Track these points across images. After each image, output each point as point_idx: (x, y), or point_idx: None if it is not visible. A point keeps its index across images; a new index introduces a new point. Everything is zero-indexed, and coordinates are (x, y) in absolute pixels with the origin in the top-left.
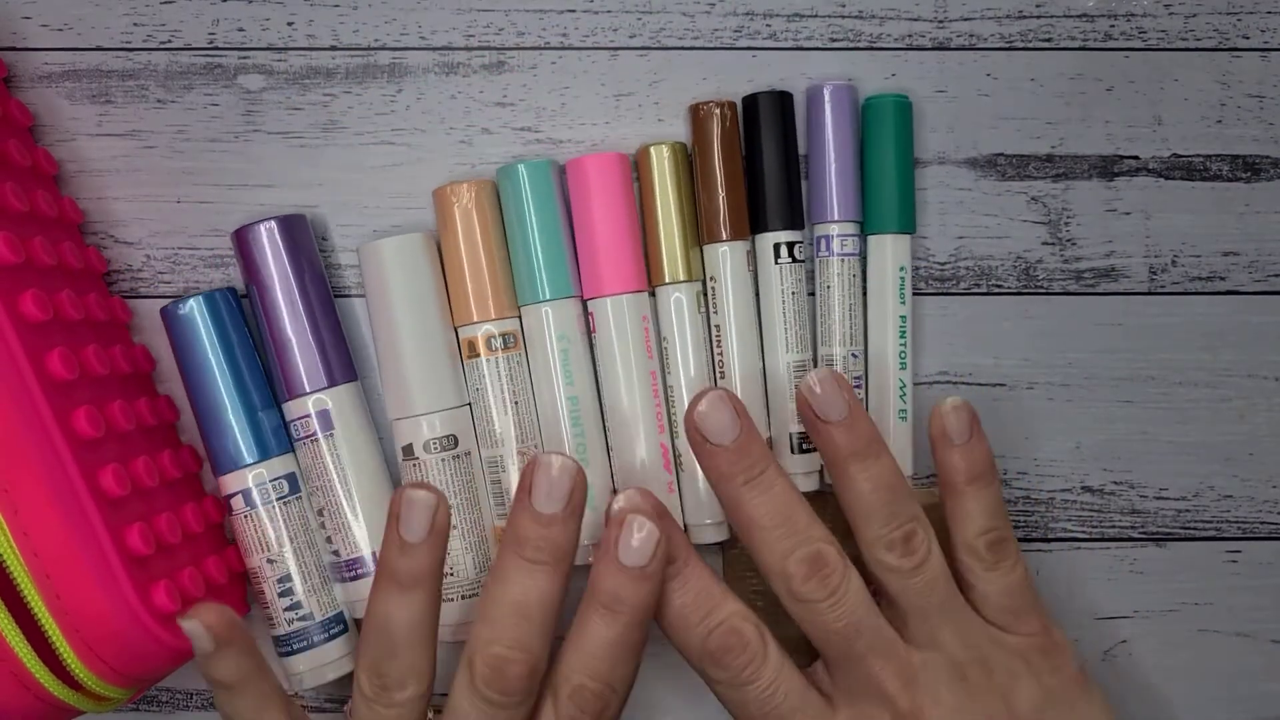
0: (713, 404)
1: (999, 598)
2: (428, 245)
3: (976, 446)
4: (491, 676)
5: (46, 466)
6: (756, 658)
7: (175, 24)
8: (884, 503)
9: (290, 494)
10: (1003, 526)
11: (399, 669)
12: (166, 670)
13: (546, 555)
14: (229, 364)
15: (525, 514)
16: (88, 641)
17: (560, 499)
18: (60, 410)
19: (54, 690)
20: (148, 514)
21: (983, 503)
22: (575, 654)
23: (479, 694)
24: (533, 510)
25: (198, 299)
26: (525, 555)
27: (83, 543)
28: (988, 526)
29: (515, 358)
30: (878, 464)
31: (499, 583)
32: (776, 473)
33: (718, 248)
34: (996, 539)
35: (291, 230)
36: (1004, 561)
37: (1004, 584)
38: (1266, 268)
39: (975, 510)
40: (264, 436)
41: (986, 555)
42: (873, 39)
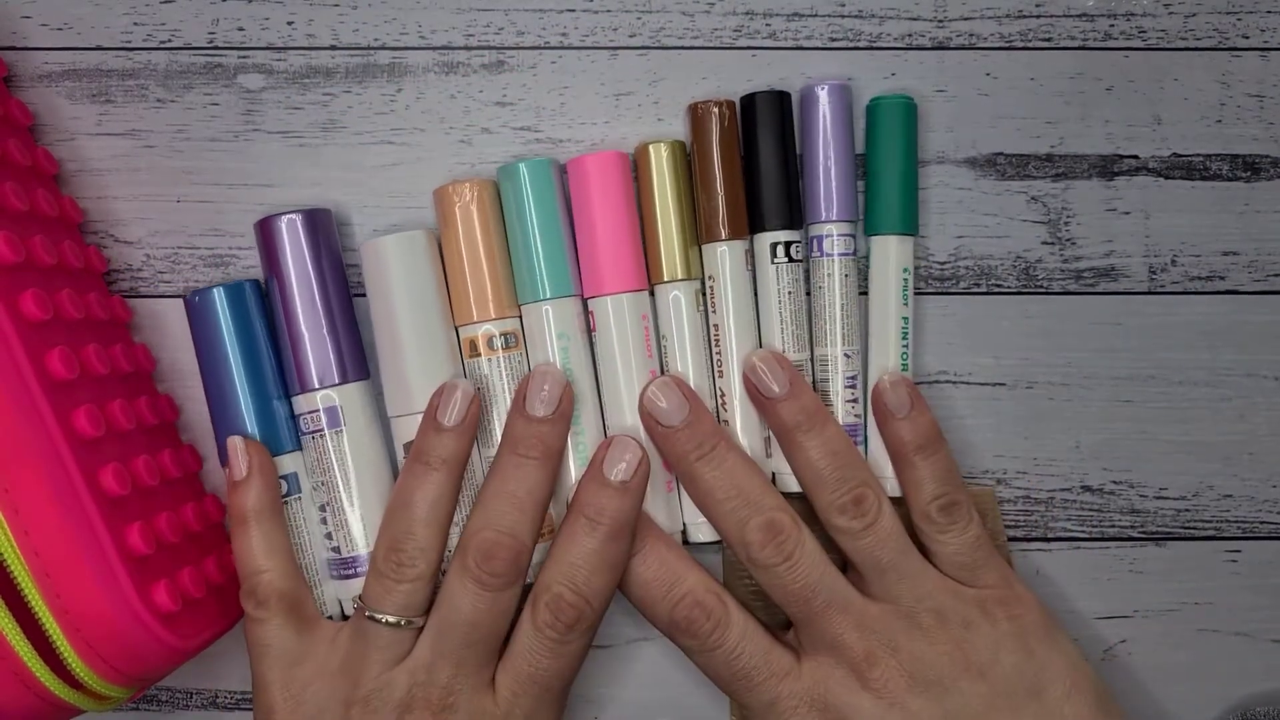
0: (661, 388)
1: (954, 555)
2: (428, 242)
3: (919, 418)
4: (482, 558)
5: (47, 465)
6: (720, 624)
7: (175, 23)
8: (833, 468)
9: (290, 494)
10: (953, 490)
11: (414, 546)
12: (167, 669)
13: (537, 451)
14: (246, 358)
15: (519, 416)
16: (88, 640)
17: (551, 403)
18: (61, 409)
19: (54, 689)
20: (148, 513)
21: (932, 470)
22: (555, 564)
23: (470, 574)
24: (525, 413)
25: (220, 289)
26: (518, 451)
27: (83, 542)
28: (938, 492)
29: (516, 357)
30: (823, 433)
31: (494, 477)
32: (727, 447)
33: (716, 247)
34: (947, 503)
35: (315, 224)
36: (956, 524)
37: (958, 543)
38: (1266, 268)
39: (925, 478)
40: (274, 434)
41: (939, 519)
42: (873, 39)
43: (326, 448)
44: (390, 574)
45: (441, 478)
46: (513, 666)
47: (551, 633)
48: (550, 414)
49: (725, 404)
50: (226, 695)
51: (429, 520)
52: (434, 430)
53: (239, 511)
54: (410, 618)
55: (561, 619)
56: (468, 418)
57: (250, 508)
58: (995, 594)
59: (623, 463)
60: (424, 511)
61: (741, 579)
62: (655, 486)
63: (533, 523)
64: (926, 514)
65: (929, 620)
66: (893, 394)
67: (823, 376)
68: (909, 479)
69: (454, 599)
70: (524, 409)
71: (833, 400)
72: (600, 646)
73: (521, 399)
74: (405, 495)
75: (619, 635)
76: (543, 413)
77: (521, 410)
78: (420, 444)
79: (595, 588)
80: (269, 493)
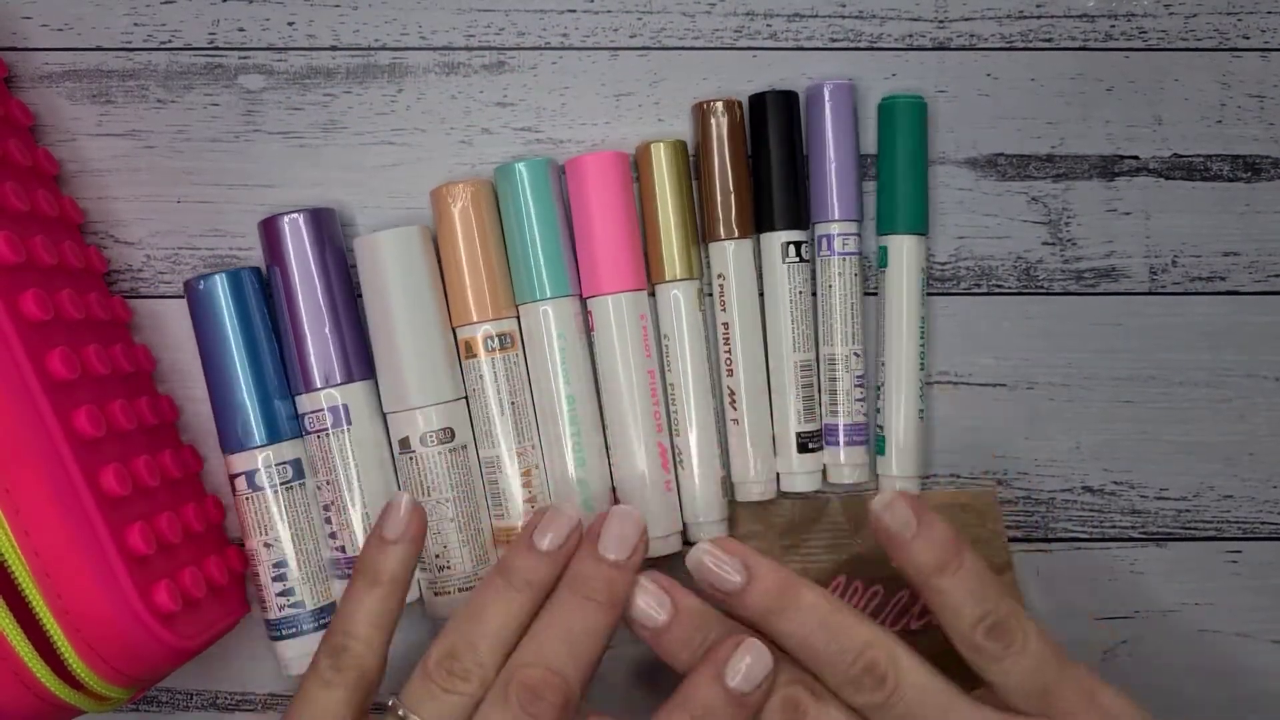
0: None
1: (1021, 685)
2: (423, 238)
3: (930, 532)
4: (527, 696)
5: (47, 466)
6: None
7: (175, 24)
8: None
9: (294, 479)
10: (995, 604)
11: (472, 660)
12: (167, 670)
13: (604, 595)
14: (247, 344)
15: (590, 556)
16: (88, 641)
17: (627, 548)
18: (61, 410)
19: (55, 690)
20: (149, 513)
21: (963, 588)
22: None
23: (510, 709)
24: (596, 553)
25: (222, 275)
26: (583, 592)
27: (83, 542)
28: (980, 614)
29: (512, 358)
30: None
31: (551, 613)
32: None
33: (725, 245)
34: (994, 624)
35: (319, 223)
36: (1012, 646)
37: (1021, 669)
38: (1266, 268)
39: (960, 600)
40: (275, 420)
41: (990, 645)
42: (873, 39)
43: (331, 447)
44: (439, 680)
45: (523, 600)
46: None
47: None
48: (623, 559)
49: (734, 402)
50: (226, 695)
51: (495, 639)
52: (527, 550)
53: (373, 570)
54: None
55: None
56: (566, 545)
57: (387, 572)
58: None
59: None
60: (493, 628)
61: None
62: (655, 485)
63: (585, 669)
64: (974, 643)
65: None
66: (892, 515)
67: (830, 375)
68: (940, 605)
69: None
70: (595, 548)
71: (840, 399)
72: None
73: (595, 537)
74: (479, 607)
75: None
76: (614, 556)
77: (593, 549)
78: (510, 560)
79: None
80: (409, 565)
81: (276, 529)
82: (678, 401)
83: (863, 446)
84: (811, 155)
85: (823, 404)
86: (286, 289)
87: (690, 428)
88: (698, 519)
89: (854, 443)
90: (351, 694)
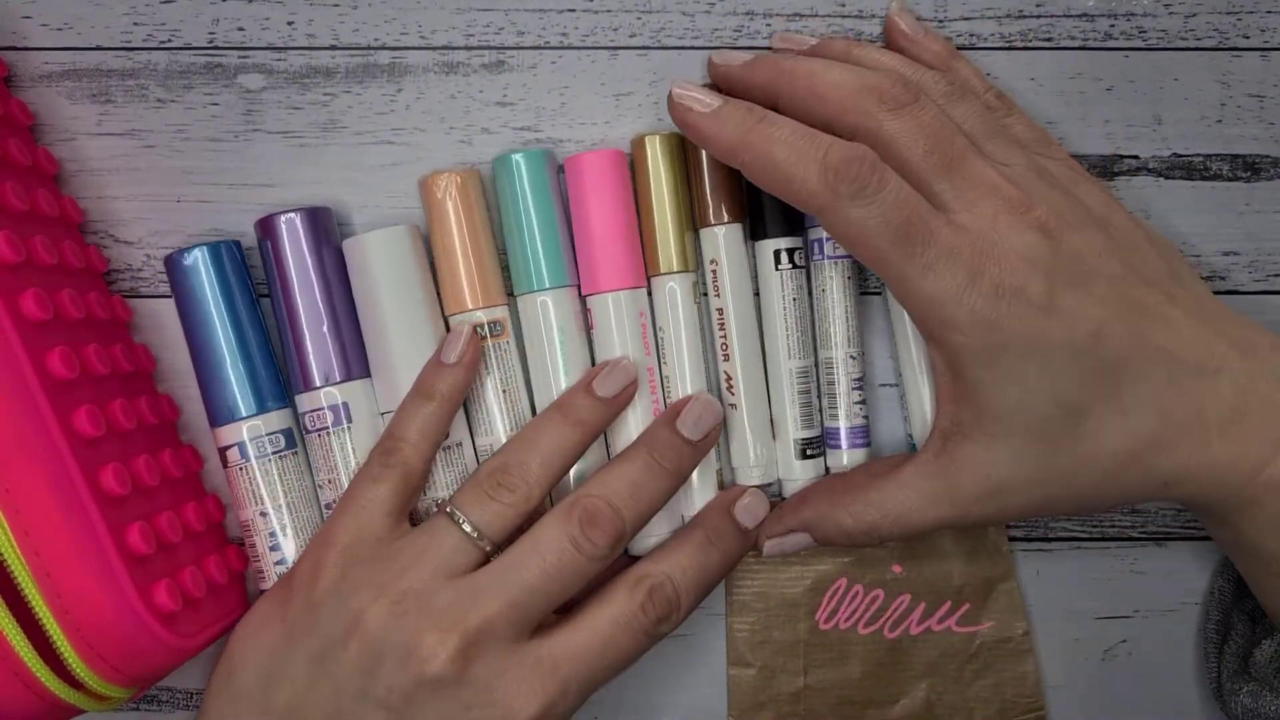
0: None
1: (1025, 132)
2: (412, 238)
3: (931, 37)
4: (587, 520)
5: (47, 465)
6: (879, 165)
7: (175, 23)
8: (906, 61)
9: (286, 449)
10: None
11: (521, 476)
12: (167, 669)
13: (671, 463)
14: (230, 316)
15: (668, 428)
16: (88, 640)
17: (700, 430)
18: (61, 409)
19: (55, 689)
20: (149, 513)
21: (970, 69)
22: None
23: (568, 529)
24: (674, 428)
25: (203, 249)
26: (654, 454)
27: (83, 541)
28: (988, 85)
29: (504, 345)
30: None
31: (627, 462)
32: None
33: (715, 230)
34: (997, 94)
35: (316, 222)
36: (1014, 110)
37: (1024, 121)
38: (1266, 268)
39: (969, 73)
40: (262, 390)
41: (997, 103)
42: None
43: (332, 445)
44: (488, 489)
45: (574, 434)
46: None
47: (646, 617)
48: (696, 439)
49: (731, 387)
50: None
51: (546, 462)
52: (585, 392)
53: (427, 387)
54: (486, 535)
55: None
56: (622, 397)
57: (440, 389)
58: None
59: (695, 420)
60: (547, 452)
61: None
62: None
63: (641, 516)
64: (987, 103)
65: (1049, 176)
66: (903, 19)
67: (829, 379)
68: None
69: (541, 543)
70: (675, 423)
71: (839, 403)
72: None
73: (674, 413)
74: (534, 432)
75: None
76: (689, 435)
77: (671, 424)
78: (568, 398)
79: (633, 512)
80: (462, 388)
81: (270, 499)
82: (674, 394)
83: (865, 449)
84: None
85: (823, 408)
86: (284, 288)
87: None
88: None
89: (856, 445)
90: (397, 489)
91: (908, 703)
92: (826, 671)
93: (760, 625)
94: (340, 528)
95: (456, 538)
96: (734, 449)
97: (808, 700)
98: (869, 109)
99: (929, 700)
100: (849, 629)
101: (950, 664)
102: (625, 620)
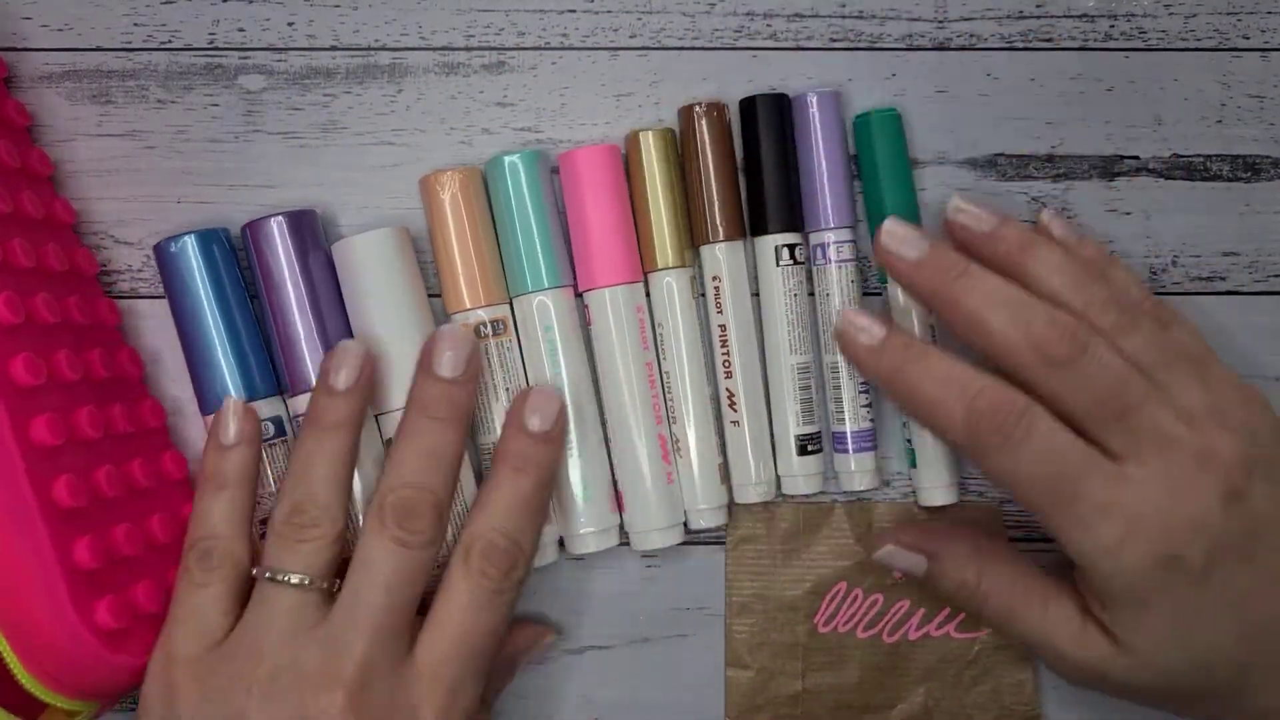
0: (895, 224)
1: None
2: (400, 239)
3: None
4: (402, 515)
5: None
6: (1028, 410)
7: (175, 24)
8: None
9: (275, 437)
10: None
11: (316, 508)
12: (126, 685)
13: (446, 411)
14: (219, 303)
15: (429, 378)
16: (35, 656)
17: (460, 364)
18: (18, 417)
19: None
20: (105, 525)
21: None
22: (484, 513)
23: (388, 533)
24: (435, 375)
25: (191, 236)
26: (428, 413)
27: (27, 555)
28: (1145, 293)
29: (506, 344)
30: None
31: (405, 438)
32: (980, 267)
33: (716, 247)
34: (1155, 301)
35: (300, 225)
36: (1174, 318)
37: (1190, 329)
38: (1266, 268)
39: (1127, 282)
40: (252, 377)
41: (1156, 311)
42: (873, 39)
43: None
44: (290, 535)
45: (339, 440)
46: (439, 629)
47: (487, 581)
48: (458, 375)
49: (734, 404)
50: None
51: (329, 481)
52: (327, 394)
53: (217, 474)
54: (315, 578)
55: (498, 564)
56: (361, 379)
57: (229, 475)
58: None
59: (538, 413)
60: (323, 473)
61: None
62: (656, 478)
63: (448, 481)
64: (1153, 318)
65: (1227, 407)
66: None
67: (834, 383)
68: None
69: (370, 560)
70: (431, 369)
71: (845, 406)
72: (600, 647)
73: (427, 359)
74: (303, 461)
75: (619, 635)
76: (449, 374)
77: (429, 371)
78: (314, 409)
79: (526, 535)
80: (252, 465)
81: (260, 486)
82: (673, 390)
83: (872, 453)
84: (801, 164)
85: (830, 412)
86: (268, 291)
87: (687, 416)
88: (698, 506)
89: (863, 449)
90: (230, 585)
91: (905, 708)
92: (824, 675)
93: (759, 627)
94: (180, 640)
95: (289, 595)
96: (735, 467)
97: (805, 703)
98: (1032, 364)
99: (927, 705)
100: (848, 632)
101: (948, 669)
102: (473, 595)
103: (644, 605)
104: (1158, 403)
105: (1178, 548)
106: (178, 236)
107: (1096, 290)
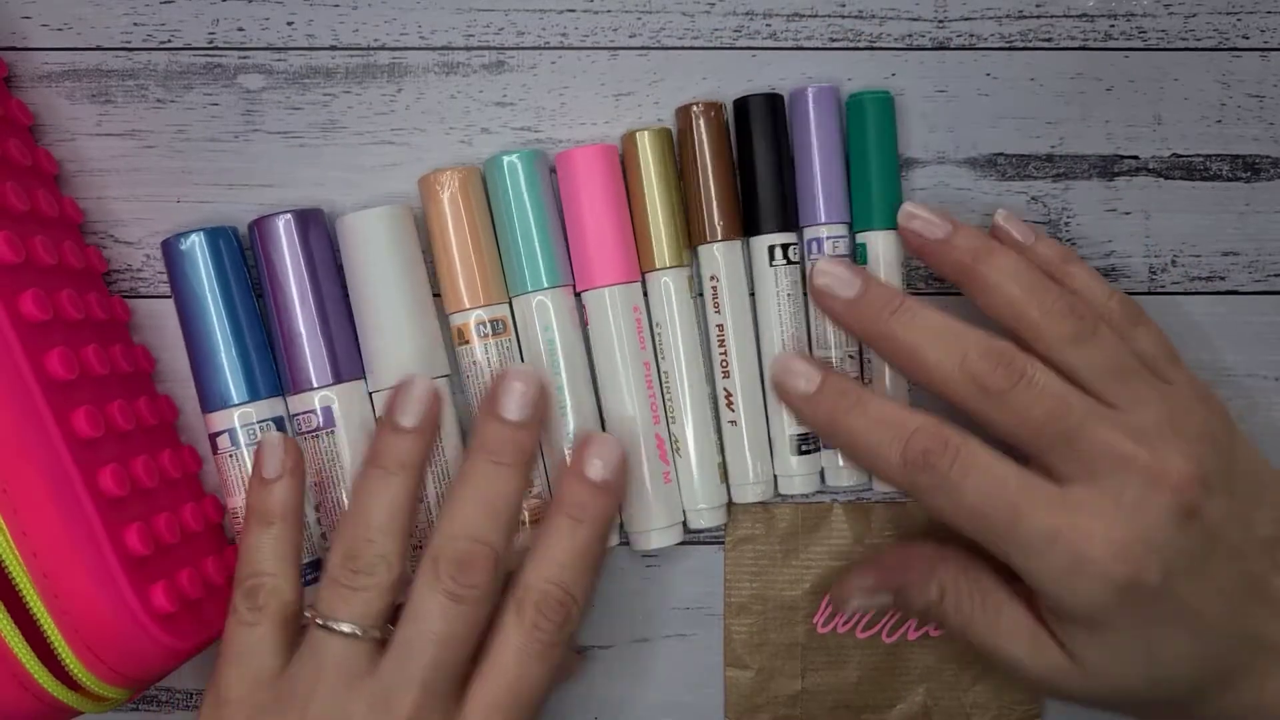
0: (830, 264)
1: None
2: (406, 217)
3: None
4: (456, 569)
5: (45, 466)
6: (963, 448)
7: (175, 24)
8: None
9: None
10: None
11: (372, 554)
12: (165, 670)
13: (510, 457)
14: (225, 302)
15: (493, 421)
16: (86, 642)
17: (527, 407)
18: (60, 410)
19: (53, 691)
20: (146, 514)
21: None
22: (539, 563)
23: (441, 586)
24: (499, 415)
25: (199, 234)
26: (492, 457)
27: (81, 543)
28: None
29: (505, 343)
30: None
31: (465, 484)
32: (916, 301)
33: (714, 247)
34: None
35: (307, 224)
36: (1140, 318)
37: (1150, 335)
38: (1266, 268)
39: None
40: (254, 377)
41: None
42: (873, 39)
43: (321, 447)
44: (345, 581)
45: (401, 482)
46: (489, 682)
47: (540, 634)
48: (526, 419)
49: (731, 403)
50: None
51: (388, 528)
52: (392, 431)
53: (262, 510)
54: (368, 628)
55: (552, 618)
56: (428, 417)
57: (276, 510)
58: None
59: (600, 459)
60: (383, 518)
61: (745, 579)
62: (654, 478)
63: (507, 531)
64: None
65: (1179, 422)
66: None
67: None
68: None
69: (423, 614)
70: (498, 412)
71: None
72: (600, 646)
73: (495, 401)
74: (362, 501)
75: (619, 635)
76: (517, 417)
77: (495, 413)
78: (378, 447)
79: (581, 587)
80: (297, 497)
81: None
82: (672, 390)
83: None
84: (798, 159)
85: None
86: (274, 289)
87: (686, 415)
88: (697, 506)
89: None
90: (277, 626)
91: (905, 708)
92: (824, 675)
93: (758, 627)
94: (233, 681)
95: (340, 645)
96: (733, 467)
97: (804, 703)
98: (970, 395)
99: (926, 705)
100: (847, 633)
101: (948, 669)
102: (525, 648)
103: (643, 605)
104: (1103, 422)
105: (1131, 570)
106: (186, 233)
107: (1053, 297)
